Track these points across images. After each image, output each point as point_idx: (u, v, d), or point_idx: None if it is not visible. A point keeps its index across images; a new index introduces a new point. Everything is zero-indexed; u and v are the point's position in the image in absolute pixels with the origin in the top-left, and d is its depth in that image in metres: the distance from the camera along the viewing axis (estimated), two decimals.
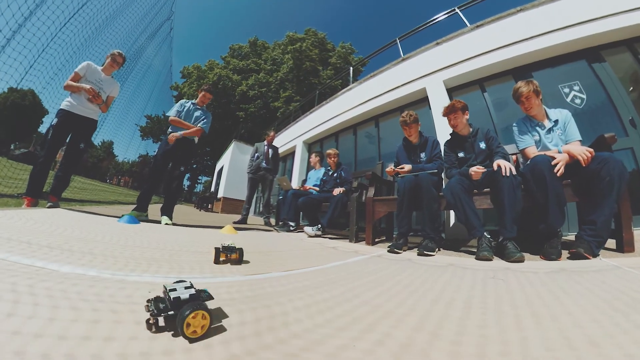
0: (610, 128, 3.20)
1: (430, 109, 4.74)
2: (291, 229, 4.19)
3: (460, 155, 2.68)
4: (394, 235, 3.56)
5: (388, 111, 5.93)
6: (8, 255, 1.10)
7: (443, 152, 2.90)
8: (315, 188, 4.62)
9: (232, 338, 0.64)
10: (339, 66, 25.82)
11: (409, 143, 3.11)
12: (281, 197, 5.26)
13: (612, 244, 1.98)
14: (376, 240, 3.22)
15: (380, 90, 5.88)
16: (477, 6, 5.30)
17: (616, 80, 3.34)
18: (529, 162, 2.09)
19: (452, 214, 3.66)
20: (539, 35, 3.76)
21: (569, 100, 3.58)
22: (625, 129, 3.17)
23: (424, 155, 3.01)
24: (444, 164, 2.82)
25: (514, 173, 2.06)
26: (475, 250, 2.10)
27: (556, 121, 2.28)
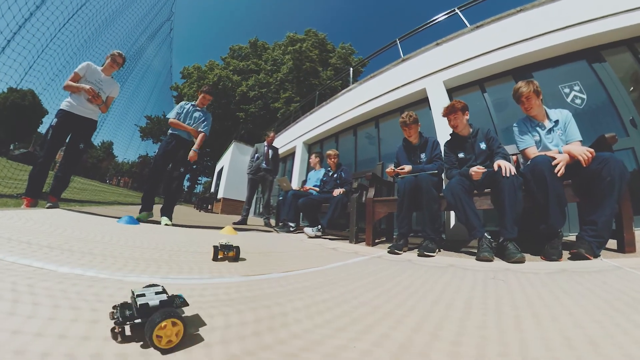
0: (610, 128, 3.20)
1: (430, 109, 4.73)
2: (291, 229, 4.19)
3: (461, 156, 2.67)
4: (394, 236, 3.55)
5: (388, 112, 5.93)
6: (8, 255, 1.09)
7: (443, 153, 2.89)
8: (315, 189, 4.61)
9: (232, 338, 0.64)
10: (339, 67, 25.83)
11: (409, 144, 3.11)
12: (281, 198, 5.25)
13: (613, 244, 1.98)
14: (376, 241, 3.22)
15: (380, 90, 5.88)
16: (477, 7, 5.30)
17: (616, 80, 3.34)
18: (529, 163, 2.09)
19: (453, 214, 3.65)
20: (539, 35, 3.76)
21: (569, 100, 3.57)
22: (625, 129, 3.16)
23: (424, 155, 3.01)
24: (444, 164, 2.81)
25: (515, 173, 2.06)
26: (475, 251, 2.10)
27: (556, 121, 2.27)
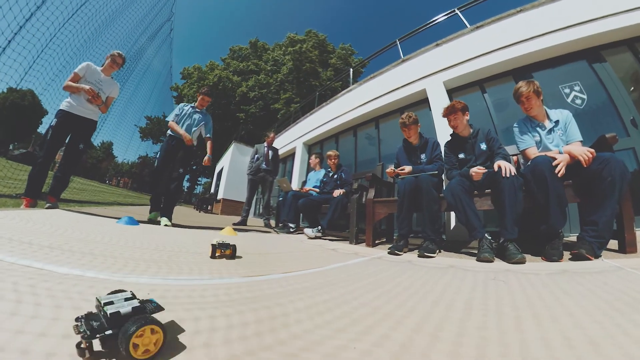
0: (611, 128, 3.19)
1: (430, 110, 4.73)
2: (291, 230, 4.18)
3: (461, 157, 2.66)
4: (395, 236, 3.55)
5: (388, 112, 5.92)
6: (9, 255, 1.09)
7: (443, 153, 2.88)
8: (315, 189, 4.61)
9: (233, 339, 0.64)
10: (339, 67, 25.84)
11: (409, 144, 3.10)
12: (281, 199, 5.25)
13: (614, 244, 1.97)
14: (376, 242, 3.21)
15: (380, 91, 5.87)
16: (477, 7, 5.30)
17: (617, 80, 3.33)
18: (529, 163, 2.08)
19: (453, 215, 3.64)
20: (539, 35, 3.76)
21: (569, 100, 3.57)
22: (626, 129, 3.16)
23: (424, 156, 3.00)
24: (445, 165, 2.81)
25: (515, 174, 2.05)
26: (476, 251, 2.09)
27: (557, 122, 2.27)
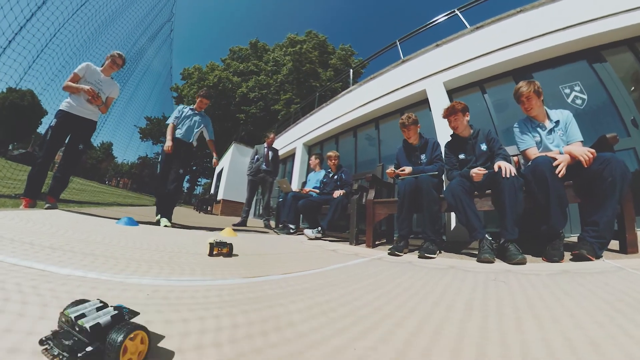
0: (611, 128, 3.19)
1: (430, 110, 4.73)
2: (291, 231, 4.18)
3: (461, 157, 2.65)
4: (395, 237, 3.55)
5: (388, 113, 5.92)
6: (11, 256, 1.09)
7: (444, 154, 2.88)
8: (315, 190, 4.60)
9: (239, 338, 0.64)
10: (339, 68, 25.85)
11: (409, 145, 3.09)
12: (281, 200, 5.24)
13: (615, 245, 1.96)
14: (376, 242, 3.19)
15: (380, 92, 5.87)
16: (477, 8, 5.31)
17: (617, 80, 3.33)
18: (530, 164, 2.07)
19: (453, 216, 3.64)
20: (539, 36, 3.76)
21: (569, 100, 3.57)
22: (627, 129, 3.15)
23: (424, 157, 2.99)
24: (445, 165, 2.80)
25: (515, 174, 2.05)
26: (476, 252, 2.08)
27: (557, 122, 2.26)
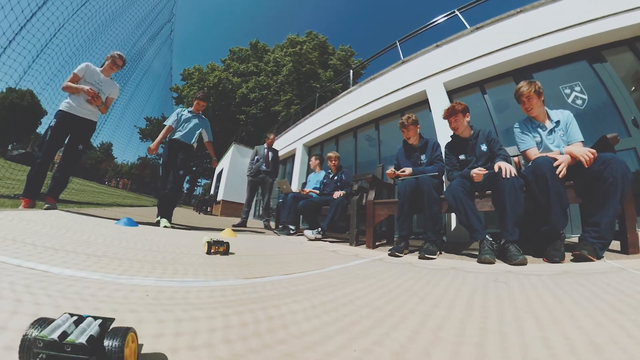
0: (612, 128, 3.18)
1: (430, 111, 4.73)
2: (291, 232, 4.17)
3: (462, 158, 2.65)
4: (395, 238, 3.53)
5: (388, 114, 5.92)
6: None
7: (444, 155, 2.87)
8: (315, 191, 4.59)
9: (236, 339, 0.64)
10: (339, 68, 25.86)
11: (409, 145, 3.09)
12: (281, 201, 5.23)
13: (617, 245, 1.95)
14: (377, 243, 3.19)
15: (380, 93, 5.87)
16: (477, 8, 5.31)
17: (618, 80, 3.32)
18: (530, 164, 2.07)
19: (454, 216, 3.63)
20: (539, 36, 3.76)
21: (570, 101, 3.56)
22: (627, 129, 3.15)
23: (424, 157, 2.98)
24: (445, 166, 2.79)
25: (515, 175, 2.04)
26: (477, 253, 2.07)
27: (558, 122, 2.25)
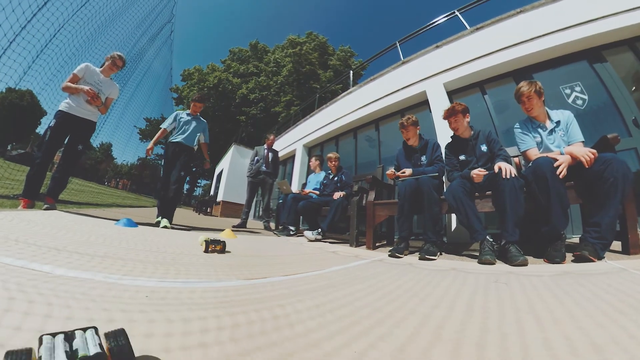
0: (613, 128, 3.18)
1: (430, 112, 4.72)
2: (291, 233, 4.16)
3: (462, 158, 2.64)
4: (395, 239, 3.52)
5: (388, 114, 5.92)
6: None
7: (444, 155, 2.87)
8: (315, 192, 4.59)
9: (238, 338, 0.64)
10: (338, 69, 25.86)
11: (409, 146, 3.08)
12: (281, 201, 5.22)
13: (618, 246, 1.94)
14: (377, 244, 3.18)
15: (380, 93, 5.87)
16: (477, 9, 5.31)
17: (618, 80, 3.32)
18: (530, 164, 2.06)
19: (454, 217, 3.62)
20: (540, 36, 3.76)
21: (570, 101, 3.56)
22: (628, 129, 3.14)
23: (424, 158, 2.98)
24: (446, 166, 2.79)
25: (515, 175, 2.03)
26: (477, 254, 2.07)
27: (558, 122, 2.25)
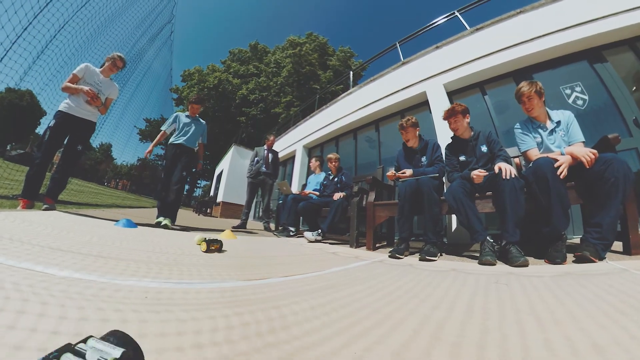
0: (613, 129, 3.17)
1: (430, 112, 4.72)
2: (291, 234, 4.15)
3: (462, 159, 2.64)
4: (395, 240, 3.52)
5: (388, 115, 5.91)
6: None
7: (444, 156, 2.87)
8: (315, 193, 4.58)
9: (236, 339, 0.64)
10: (338, 69, 25.88)
11: (409, 148, 3.08)
12: (281, 202, 5.21)
13: (619, 246, 1.94)
14: (377, 245, 3.17)
15: (380, 94, 5.87)
16: (477, 9, 5.31)
17: (618, 80, 3.31)
18: (531, 165, 2.05)
19: (454, 218, 3.61)
20: (540, 36, 3.75)
21: (570, 101, 3.55)
22: (629, 129, 3.13)
23: (424, 159, 2.97)
24: (446, 167, 2.78)
25: (515, 176, 2.03)
26: (477, 255, 2.06)
27: (558, 122, 2.24)
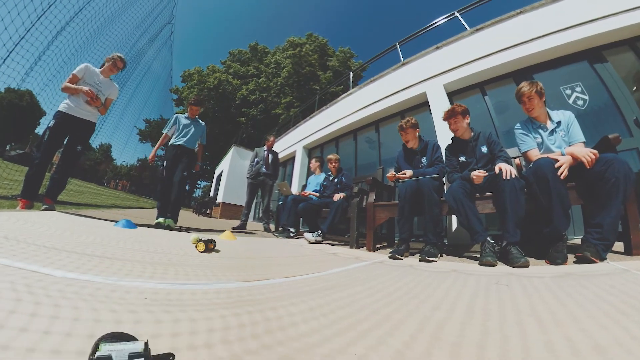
0: (614, 129, 3.17)
1: (430, 113, 4.72)
2: (291, 235, 4.14)
3: (462, 160, 2.63)
4: (396, 241, 3.51)
5: (388, 116, 5.91)
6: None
7: (444, 157, 2.86)
8: (315, 194, 4.58)
9: (234, 340, 0.64)
10: (338, 70, 25.90)
11: (409, 149, 3.08)
12: (281, 203, 5.20)
13: (620, 247, 1.93)
14: (377, 246, 3.17)
15: (380, 95, 5.87)
16: (477, 10, 5.32)
17: (619, 80, 3.31)
18: (531, 165, 2.05)
19: (454, 218, 3.61)
20: (540, 37, 3.75)
21: (571, 101, 3.55)
22: (629, 129, 3.13)
23: (424, 159, 2.97)
24: (446, 168, 2.78)
25: (516, 176, 2.02)
26: (478, 255, 2.05)
27: (559, 123, 2.24)
